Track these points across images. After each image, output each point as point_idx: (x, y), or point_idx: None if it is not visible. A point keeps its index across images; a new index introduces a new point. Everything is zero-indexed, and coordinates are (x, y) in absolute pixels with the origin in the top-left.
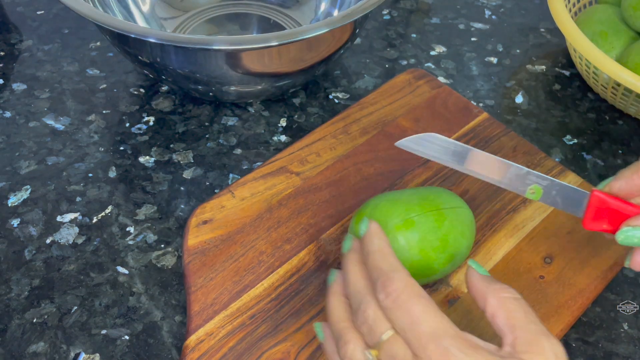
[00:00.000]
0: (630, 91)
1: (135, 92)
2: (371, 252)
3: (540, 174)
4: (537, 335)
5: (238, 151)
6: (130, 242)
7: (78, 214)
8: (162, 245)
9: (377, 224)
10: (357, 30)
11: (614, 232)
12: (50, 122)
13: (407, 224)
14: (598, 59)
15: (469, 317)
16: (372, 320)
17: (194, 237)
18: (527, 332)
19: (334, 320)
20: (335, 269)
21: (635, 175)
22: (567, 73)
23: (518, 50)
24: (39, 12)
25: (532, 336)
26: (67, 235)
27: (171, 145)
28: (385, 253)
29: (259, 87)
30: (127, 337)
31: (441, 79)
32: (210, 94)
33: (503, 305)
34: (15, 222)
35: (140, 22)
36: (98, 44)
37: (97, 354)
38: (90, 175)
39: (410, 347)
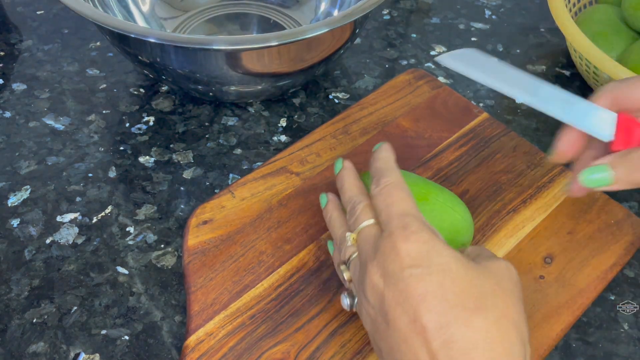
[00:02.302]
0: None
1: (135, 92)
2: (377, 160)
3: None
4: (498, 257)
5: (238, 151)
6: (130, 242)
7: (78, 214)
8: (162, 245)
9: (388, 143)
10: (357, 30)
11: None
12: (50, 122)
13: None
14: (598, 59)
15: None
16: (359, 213)
17: (194, 237)
18: (489, 253)
19: (336, 230)
20: (324, 193)
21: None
22: (567, 73)
23: (518, 50)
24: (39, 12)
25: (492, 255)
26: (67, 235)
27: (171, 145)
28: (387, 159)
29: (259, 87)
30: (127, 337)
31: (441, 79)
32: (210, 94)
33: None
34: (15, 222)
35: (140, 22)
36: (98, 44)
37: (97, 354)
38: (90, 175)
39: (380, 227)
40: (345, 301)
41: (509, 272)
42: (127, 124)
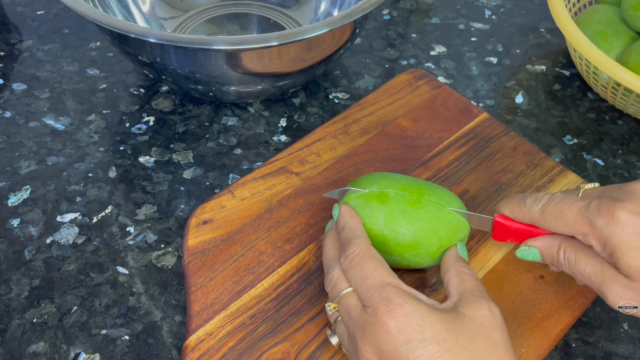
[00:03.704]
0: (630, 91)
1: (135, 92)
2: (341, 229)
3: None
4: (479, 298)
5: (238, 151)
6: (130, 242)
7: (78, 214)
8: (162, 245)
9: (347, 207)
10: (357, 30)
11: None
12: (50, 122)
13: (381, 195)
14: (598, 59)
15: None
16: (335, 280)
17: (194, 237)
18: (471, 295)
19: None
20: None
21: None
22: (567, 73)
23: (518, 50)
24: (39, 12)
25: (475, 297)
26: (67, 235)
27: (171, 145)
28: (351, 227)
29: (259, 87)
30: (127, 337)
31: (441, 79)
32: (210, 94)
33: (459, 275)
34: (15, 222)
35: (140, 22)
36: (98, 44)
37: (97, 354)
38: (90, 175)
39: (360, 300)
40: (334, 340)
41: (494, 318)
42: (127, 124)
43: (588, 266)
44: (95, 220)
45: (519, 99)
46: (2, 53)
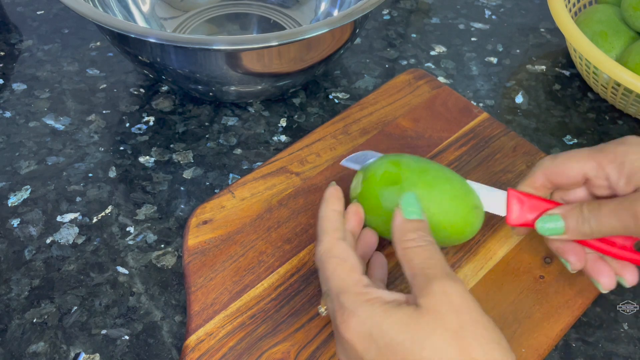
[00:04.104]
0: (630, 91)
1: (135, 92)
2: (319, 218)
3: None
4: (430, 280)
5: (238, 151)
6: (130, 242)
7: (78, 214)
8: (162, 245)
9: (334, 189)
10: (357, 30)
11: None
12: (50, 122)
13: (395, 163)
14: (598, 59)
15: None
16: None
17: (194, 237)
18: (422, 279)
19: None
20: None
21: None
22: (567, 73)
23: (518, 50)
24: (39, 12)
25: (425, 281)
26: (67, 235)
27: (171, 145)
28: (323, 218)
29: (259, 87)
30: (127, 337)
31: (441, 79)
32: (210, 94)
33: (405, 255)
34: (15, 222)
35: (140, 22)
36: (98, 44)
37: (97, 354)
38: (90, 175)
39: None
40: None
41: (450, 300)
42: (127, 124)
43: (612, 204)
44: (95, 220)
45: (519, 99)
46: (2, 53)
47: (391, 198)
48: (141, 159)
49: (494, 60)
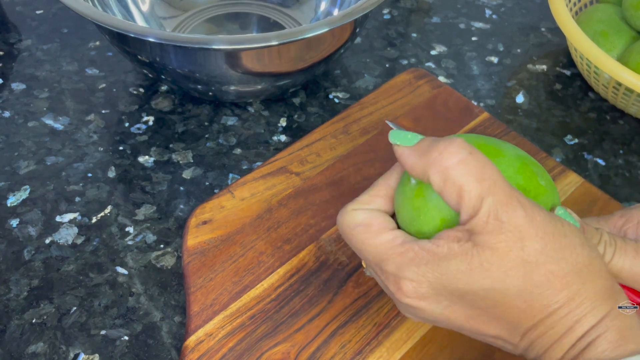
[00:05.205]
0: (631, 91)
1: (134, 92)
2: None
3: None
4: (495, 204)
5: (238, 151)
6: (130, 243)
7: (77, 214)
8: (162, 246)
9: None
10: (357, 29)
11: None
12: (49, 121)
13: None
14: (599, 59)
15: None
16: None
17: (194, 238)
18: (478, 202)
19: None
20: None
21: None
22: (568, 73)
23: (519, 50)
24: (38, 12)
25: (488, 208)
26: (66, 235)
27: (170, 145)
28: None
29: (259, 87)
30: (126, 338)
31: (442, 79)
32: (210, 93)
33: (448, 180)
34: (14, 223)
35: (140, 22)
36: (97, 43)
37: (97, 355)
38: (89, 175)
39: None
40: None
41: (532, 223)
42: (127, 124)
43: None
44: (94, 220)
45: (520, 98)
46: (1, 53)
47: None
48: (140, 159)
49: (495, 59)
